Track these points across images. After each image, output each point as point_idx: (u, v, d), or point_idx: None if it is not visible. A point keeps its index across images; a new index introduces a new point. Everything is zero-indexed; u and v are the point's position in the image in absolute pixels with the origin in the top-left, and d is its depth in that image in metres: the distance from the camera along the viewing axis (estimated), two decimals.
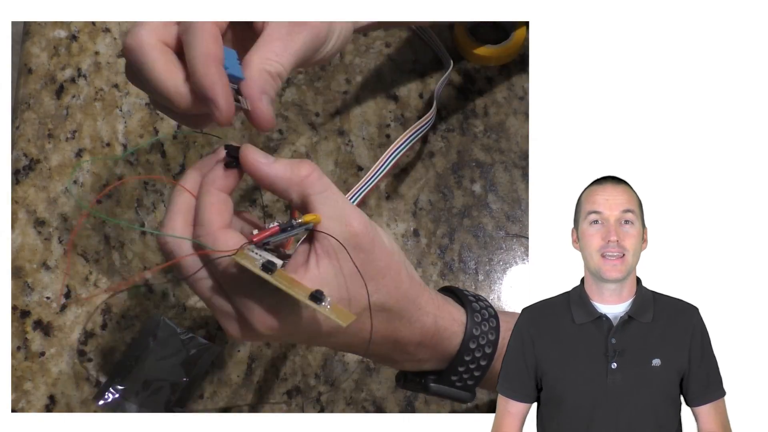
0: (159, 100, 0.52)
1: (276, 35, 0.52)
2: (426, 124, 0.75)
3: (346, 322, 0.48)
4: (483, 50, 0.81)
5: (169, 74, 0.50)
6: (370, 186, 0.71)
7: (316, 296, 0.48)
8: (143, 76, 0.51)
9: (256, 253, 0.49)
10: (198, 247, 0.50)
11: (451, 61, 0.79)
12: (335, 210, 0.50)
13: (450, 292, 0.60)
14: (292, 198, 0.51)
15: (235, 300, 0.50)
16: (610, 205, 0.52)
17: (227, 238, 0.49)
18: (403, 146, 0.73)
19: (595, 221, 0.52)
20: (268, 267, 0.48)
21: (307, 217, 0.50)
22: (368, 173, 0.71)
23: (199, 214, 0.51)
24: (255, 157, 0.51)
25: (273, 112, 0.52)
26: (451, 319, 0.57)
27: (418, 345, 0.56)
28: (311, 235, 0.51)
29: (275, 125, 0.52)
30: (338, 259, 0.50)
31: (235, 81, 0.50)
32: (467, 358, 0.57)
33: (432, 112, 0.75)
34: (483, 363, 0.57)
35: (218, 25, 0.51)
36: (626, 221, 0.52)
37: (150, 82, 0.51)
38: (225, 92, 0.49)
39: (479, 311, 0.58)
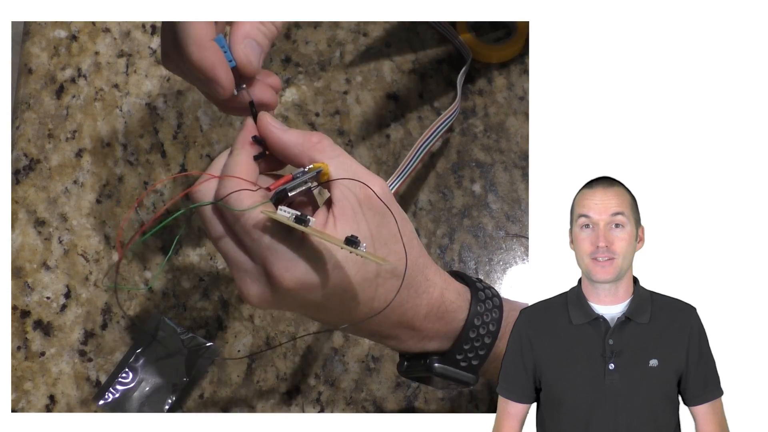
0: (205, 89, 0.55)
1: None
2: (451, 116, 0.74)
3: (384, 262, 0.50)
4: (485, 48, 0.81)
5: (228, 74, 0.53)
6: (398, 184, 0.71)
7: (352, 240, 0.49)
8: (200, 72, 0.53)
9: (286, 211, 0.50)
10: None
11: (471, 52, 0.79)
12: (349, 173, 0.52)
13: (454, 274, 0.61)
14: (304, 164, 0.53)
15: (254, 255, 0.51)
16: (599, 209, 0.52)
17: (250, 192, 0.51)
18: (429, 140, 0.72)
19: (586, 225, 0.53)
20: (301, 219, 0.49)
21: (315, 165, 0.51)
22: (397, 170, 0.71)
23: (227, 168, 0.53)
24: (269, 122, 0.53)
25: (258, 56, 0.53)
26: (457, 293, 0.58)
27: (424, 318, 0.56)
28: (329, 199, 0.52)
29: (258, 71, 0.54)
30: (356, 221, 0.51)
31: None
32: (472, 335, 0.57)
33: (457, 103, 0.75)
34: (487, 341, 0.57)
35: None
36: (616, 225, 0.52)
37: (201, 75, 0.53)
38: (225, 70, 0.52)
39: (483, 290, 0.59)
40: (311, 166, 0.51)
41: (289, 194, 0.51)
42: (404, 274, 0.53)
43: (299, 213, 0.49)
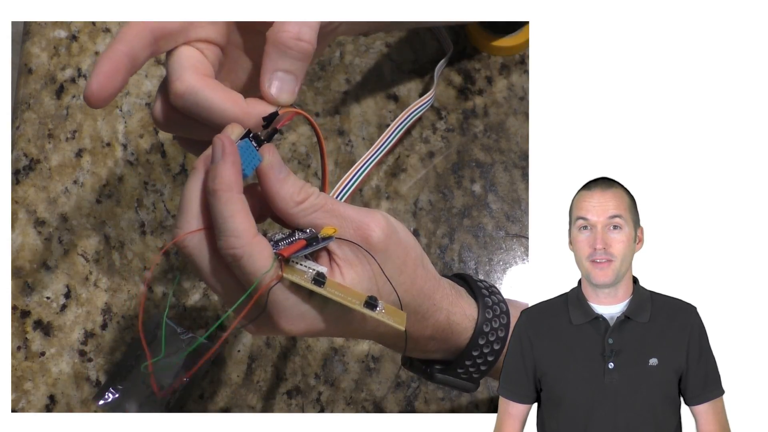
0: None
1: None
2: (424, 104, 0.74)
3: (403, 325, 0.49)
4: (496, 41, 0.81)
5: (231, 102, 0.50)
6: (366, 171, 0.71)
7: (371, 303, 0.48)
8: (203, 116, 0.50)
9: (302, 265, 0.48)
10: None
11: (452, 46, 0.80)
12: (341, 222, 0.50)
13: (464, 281, 0.60)
14: (291, 221, 0.51)
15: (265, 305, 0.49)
16: (597, 211, 0.52)
17: (262, 249, 0.47)
18: (401, 126, 0.73)
19: (584, 227, 0.53)
20: (319, 280, 0.47)
21: (328, 230, 0.49)
22: (368, 152, 0.70)
23: (229, 224, 0.47)
24: (273, 167, 0.50)
25: (291, 90, 0.51)
26: (463, 315, 0.57)
27: (429, 339, 0.56)
28: (326, 247, 0.50)
29: (291, 100, 0.51)
30: (359, 264, 0.50)
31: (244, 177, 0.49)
32: (475, 353, 0.57)
33: (431, 93, 0.75)
34: (490, 358, 0.57)
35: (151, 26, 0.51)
36: (614, 227, 0.52)
37: (213, 118, 0.50)
38: (104, 69, 0.48)
39: (491, 306, 0.58)
40: (324, 234, 0.49)
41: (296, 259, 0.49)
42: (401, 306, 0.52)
43: (316, 271, 0.48)
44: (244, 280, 0.48)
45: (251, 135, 0.50)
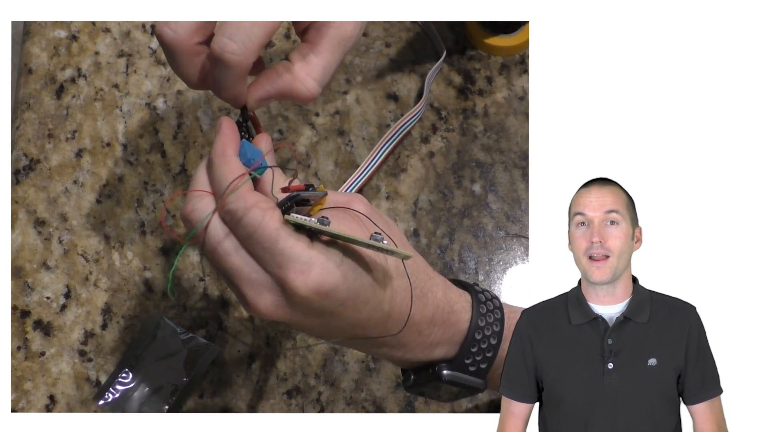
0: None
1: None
2: (415, 115, 0.76)
3: (407, 255, 0.51)
4: (497, 41, 0.81)
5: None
6: (362, 181, 0.72)
7: (376, 237, 0.50)
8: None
9: (304, 218, 0.50)
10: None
11: (445, 51, 0.80)
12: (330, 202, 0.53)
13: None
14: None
15: (267, 263, 0.50)
16: (594, 206, 0.53)
17: (258, 199, 0.50)
18: (393, 138, 0.75)
19: (581, 223, 0.53)
20: (324, 221, 0.49)
21: (322, 188, 0.52)
22: (360, 167, 0.72)
23: (221, 181, 0.51)
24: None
25: (234, 83, 0.54)
26: (459, 294, 0.58)
27: (431, 322, 0.56)
28: (311, 233, 0.51)
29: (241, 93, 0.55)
30: (348, 232, 0.51)
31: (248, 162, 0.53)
32: (478, 337, 0.57)
33: (422, 103, 0.76)
34: (493, 341, 0.57)
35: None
36: (611, 222, 0.52)
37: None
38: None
39: (482, 292, 0.59)
40: (320, 185, 0.52)
41: (294, 207, 0.50)
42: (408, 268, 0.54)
43: (321, 216, 0.50)
44: (243, 234, 0.50)
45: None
